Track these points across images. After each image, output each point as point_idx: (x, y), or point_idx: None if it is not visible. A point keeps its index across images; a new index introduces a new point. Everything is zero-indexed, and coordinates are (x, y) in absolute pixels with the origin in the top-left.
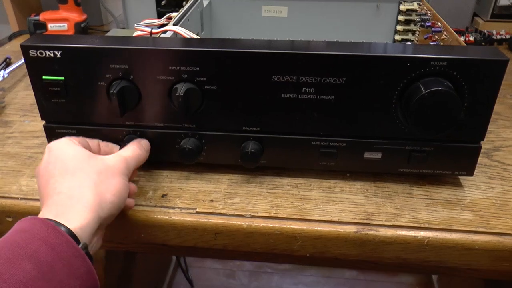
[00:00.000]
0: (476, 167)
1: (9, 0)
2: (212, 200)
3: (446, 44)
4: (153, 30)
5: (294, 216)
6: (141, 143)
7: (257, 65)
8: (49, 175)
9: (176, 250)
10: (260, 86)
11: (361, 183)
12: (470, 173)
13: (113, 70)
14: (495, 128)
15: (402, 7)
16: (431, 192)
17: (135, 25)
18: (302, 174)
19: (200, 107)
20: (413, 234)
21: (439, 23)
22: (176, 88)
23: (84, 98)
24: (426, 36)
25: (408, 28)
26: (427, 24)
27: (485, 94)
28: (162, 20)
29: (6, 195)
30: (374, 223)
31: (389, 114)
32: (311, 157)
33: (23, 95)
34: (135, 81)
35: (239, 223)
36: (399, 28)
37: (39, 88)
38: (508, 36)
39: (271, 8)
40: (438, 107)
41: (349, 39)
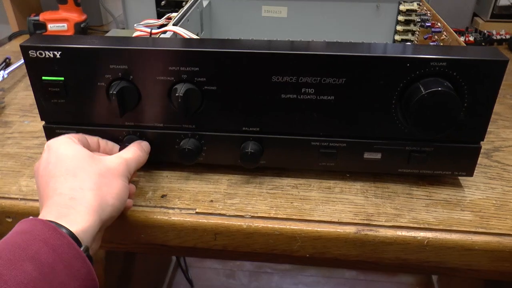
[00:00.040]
0: (476, 168)
1: (9, 0)
2: (212, 201)
3: (446, 45)
4: (153, 31)
5: (294, 217)
6: (142, 145)
7: (257, 66)
8: (49, 175)
9: (176, 251)
10: (260, 87)
11: (361, 184)
12: (470, 174)
13: (113, 71)
14: (495, 129)
15: (402, 7)
16: (431, 193)
17: (135, 26)
18: (302, 175)
19: (200, 108)
20: (413, 235)
21: (439, 23)
22: (176, 89)
23: (84, 99)
24: (426, 37)
25: (408, 29)
26: (427, 24)
27: (485, 95)
28: (162, 21)
29: (6, 196)
30: (374, 224)
31: (389, 115)
32: (311, 158)
33: (23, 96)
34: (135, 82)
35: (239, 224)
36: (399, 28)
37: (39, 89)
38: (508, 36)
39: (271, 8)
40: (438, 108)
41: (349, 39)
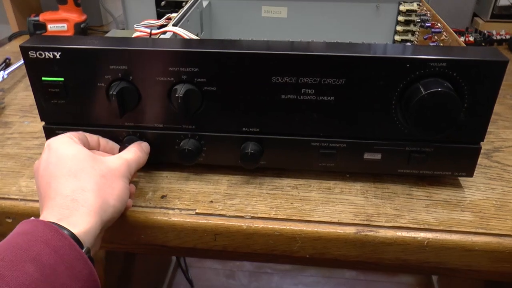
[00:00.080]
0: (476, 168)
1: (9, 1)
2: (212, 201)
3: (446, 45)
4: (153, 31)
5: (294, 217)
6: (142, 146)
7: (257, 66)
8: (50, 176)
9: (176, 251)
10: (260, 87)
11: (361, 184)
12: (470, 174)
13: (113, 71)
14: (495, 129)
15: (402, 8)
16: (431, 193)
17: (135, 26)
18: (302, 175)
19: (200, 108)
20: (413, 235)
21: (439, 24)
22: (176, 89)
23: (84, 99)
24: (426, 37)
25: (408, 29)
26: (427, 25)
27: (485, 95)
28: (162, 21)
29: (6, 196)
30: (374, 224)
31: (389, 115)
32: (311, 158)
33: (23, 96)
34: (135, 82)
35: (239, 224)
36: (399, 29)
37: (39, 89)
38: (508, 37)
39: (271, 9)
40: (438, 108)
41: (349, 40)
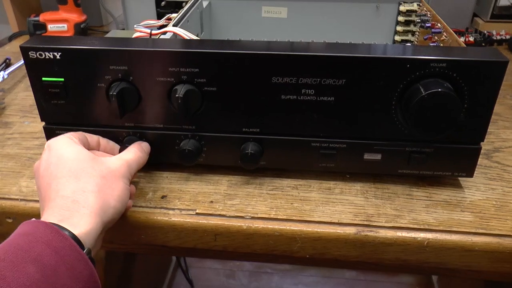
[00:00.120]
0: (476, 168)
1: (9, 1)
2: (212, 202)
3: (446, 45)
4: (153, 31)
5: (294, 218)
6: (142, 146)
7: (257, 67)
8: (51, 177)
9: (176, 251)
10: (260, 88)
11: (361, 185)
12: (470, 175)
13: (113, 72)
14: (495, 129)
15: (402, 8)
16: (431, 194)
17: (135, 26)
18: (302, 176)
19: (200, 109)
20: (413, 236)
21: (439, 24)
22: (176, 90)
23: (84, 100)
24: (426, 37)
25: (408, 29)
26: (427, 25)
27: (485, 95)
28: (162, 21)
29: (6, 196)
30: (374, 225)
31: (389, 116)
32: (311, 158)
33: (23, 96)
34: (135, 83)
35: (239, 225)
36: (399, 29)
37: (39, 90)
38: (508, 37)
39: (271, 9)
40: (438, 109)
41: (349, 40)
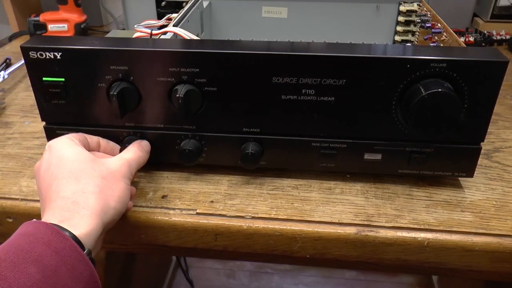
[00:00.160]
0: (476, 168)
1: (9, 1)
2: (213, 201)
3: (446, 45)
4: (153, 31)
5: (294, 217)
6: (142, 145)
7: (257, 67)
8: (51, 178)
9: (177, 251)
10: (260, 88)
11: (361, 185)
12: (470, 175)
13: (113, 72)
14: (495, 129)
15: (402, 8)
16: (431, 194)
17: (135, 26)
18: (302, 175)
19: (200, 109)
20: (413, 236)
21: (439, 24)
22: (176, 90)
23: (84, 100)
24: (426, 37)
25: (408, 29)
26: (427, 25)
27: (485, 96)
28: (162, 21)
29: (7, 196)
30: (374, 225)
31: (389, 116)
32: (311, 158)
33: (23, 96)
34: (135, 83)
35: (239, 224)
36: (399, 29)
37: (39, 90)
38: (508, 37)
39: (271, 9)
40: (438, 109)
41: (349, 40)
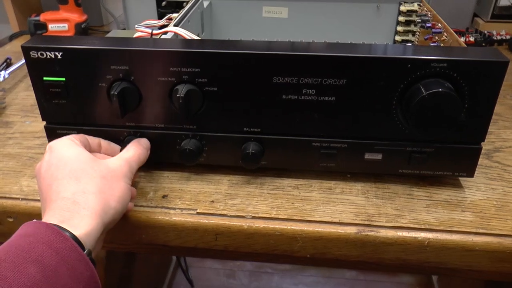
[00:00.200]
0: (477, 168)
1: (10, 1)
2: (213, 201)
3: (447, 45)
4: (154, 31)
5: (295, 217)
6: (141, 142)
7: (258, 67)
8: (52, 178)
9: (177, 251)
10: (261, 88)
11: (362, 184)
12: (471, 174)
13: (114, 71)
14: (496, 129)
15: (403, 8)
16: (432, 193)
17: (136, 26)
18: (303, 175)
19: (201, 108)
20: (414, 235)
21: (439, 24)
22: (177, 89)
23: (85, 99)
24: (427, 37)
25: (409, 29)
26: (428, 25)
27: (486, 95)
28: (163, 21)
29: (7, 196)
30: (375, 224)
31: (390, 115)
32: (312, 158)
33: (24, 96)
34: (136, 82)
35: (240, 224)
36: (400, 29)
37: (40, 89)
38: (509, 37)
39: (272, 9)
40: (439, 109)
41: (350, 40)
